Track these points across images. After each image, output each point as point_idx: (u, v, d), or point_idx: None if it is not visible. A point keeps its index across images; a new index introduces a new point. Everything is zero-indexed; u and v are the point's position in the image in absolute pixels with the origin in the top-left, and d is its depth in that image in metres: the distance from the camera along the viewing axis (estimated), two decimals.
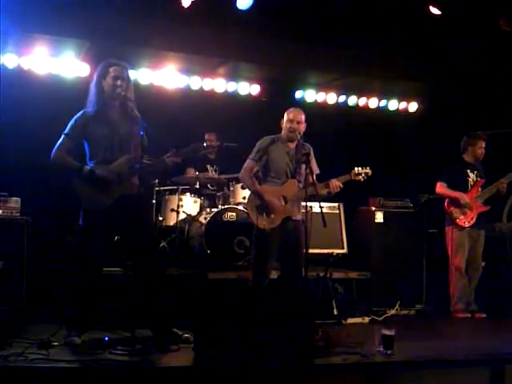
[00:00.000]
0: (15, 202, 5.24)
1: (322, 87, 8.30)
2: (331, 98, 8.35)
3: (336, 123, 8.12)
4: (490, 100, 7.57)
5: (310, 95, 8.28)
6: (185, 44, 6.83)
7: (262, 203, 5.11)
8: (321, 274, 6.08)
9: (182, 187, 6.82)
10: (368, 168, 5.38)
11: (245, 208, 6.12)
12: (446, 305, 6.57)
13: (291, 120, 5.21)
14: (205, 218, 6.50)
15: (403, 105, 8.72)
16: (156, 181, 6.73)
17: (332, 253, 6.47)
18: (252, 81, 8.00)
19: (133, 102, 4.57)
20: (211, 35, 6.57)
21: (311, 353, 4.21)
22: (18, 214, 5.22)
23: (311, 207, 5.26)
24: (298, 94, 8.26)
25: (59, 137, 4.56)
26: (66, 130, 4.56)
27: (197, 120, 7.37)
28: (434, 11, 6.33)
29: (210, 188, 7.23)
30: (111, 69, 4.58)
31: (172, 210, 6.72)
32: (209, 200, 7.03)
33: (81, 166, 4.50)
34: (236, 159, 6.18)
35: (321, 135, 6.29)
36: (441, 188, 6.60)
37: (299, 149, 5.19)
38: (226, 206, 6.57)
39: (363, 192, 6.23)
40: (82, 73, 7.00)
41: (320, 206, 4.94)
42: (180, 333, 4.66)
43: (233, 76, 7.90)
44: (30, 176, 6.27)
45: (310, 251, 4.90)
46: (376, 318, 6.14)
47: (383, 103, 8.61)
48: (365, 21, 6.54)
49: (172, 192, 6.90)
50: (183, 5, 5.96)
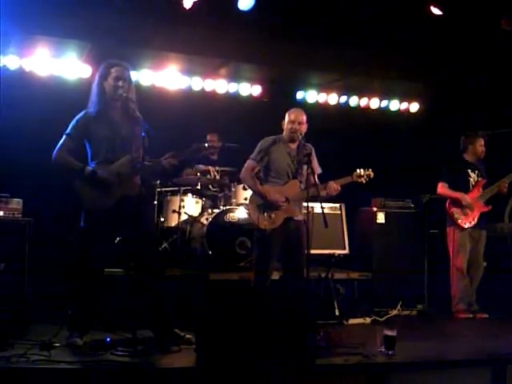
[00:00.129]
0: (17, 203, 5.24)
1: (324, 88, 8.31)
2: (332, 99, 8.36)
3: (337, 124, 8.11)
4: (492, 100, 7.56)
5: (312, 96, 8.29)
6: (186, 45, 6.83)
7: (264, 202, 5.11)
8: (322, 275, 6.09)
9: (184, 188, 6.82)
10: (370, 170, 5.36)
11: (246, 209, 6.11)
12: (448, 305, 6.56)
13: (293, 121, 5.20)
14: (206, 219, 6.50)
15: (404, 105, 8.73)
16: (158, 182, 6.74)
17: (333, 253, 6.47)
18: (253, 81, 8.01)
19: (134, 103, 4.56)
20: (213, 36, 6.57)
21: (313, 353, 4.21)
22: (20, 216, 5.22)
23: (313, 208, 5.26)
24: (300, 95, 8.27)
25: (61, 138, 4.56)
26: (68, 130, 4.56)
27: (198, 121, 7.37)
28: (435, 11, 6.33)
29: (212, 189, 7.22)
30: (113, 69, 4.58)
31: (173, 211, 6.71)
32: (210, 201, 7.03)
33: (82, 167, 4.50)
34: (238, 160, 6.18)
35: (322, 136, 6.28)
36: (442, 188, 6.59)
37: (301, 149, 5.18)
38: (228, 207, 6.58)
39: (365, 192, 6.22)
40: (84, 74, 7.02)
41: (321, 207, 4.95)
42: (181, 334, 4.65)
43: (234, 77, 7.91)
44: (32, 177, 6.27)
45: (312, 252, 4.90)
46: (378, 319, 6.13)
47: (384, 104, 8.62)
48: (366, 21, 6.54)
49: (174, 193, 6.90)
50: (184, 6, 5.97)
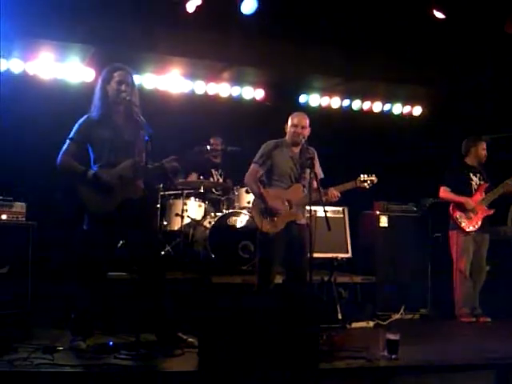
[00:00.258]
0: (20, 207, 5.24)
1: (326, 91, 8.31)
2: (335, 103, 8.36)
3: (340, 127, 8.12)
4: (495, 104, 7.56)
5: (314, 99, 8.29)
6: (189, 49, 6.85)
7: (267, 207, 5.12)
8: (325, 279, 6.08)
9: (187, 191, 6.83)
10: (373, 176, 5.34)
11: (249, 212, 6.11)
12: (451, 309, 6.54)
13: (295, 124, 5.20)
14: (209, 223, 6.50)
15: (407, 109, 8.72)
16: (160, 185, 6.74)
17: (336, 257, 6.46)
18: (256, 85, 8.01)
19: (138, 107, 4.56)
20: (215, 40, 6.60)
21: (316, 357, 4.20)
22: (23, 219, 5.22)
23: (315, 211, 5.25)
24: (302, 99, 8.27)
25: (64, 142, 4.56)
26: (71, 135, 4.56)
27: (201, 124, 7.37)
28: (438, 15, 6.34)
29: (215, 192, 7.23)
30: (115, 73, 4.58)
31: (176, 215, 6.72)
32: (213, 204, 7.04)
33: (85, 170, 4.49)
34: (240, 163, 6.19)
35: (325, 139, 6.29)
36: (444, 193, 6.58)
37: (303, 153, 5.18)
38: (231, 211, 6.58)
39: (367, 196, 6.22)
40: (87, 78, 7.03)
41: (324, 210, 4.94)
42: (184, 337, 4.65)
43: (237, 80, 7.91)
44: (36, 181, 6.29)
45: (315, 255, 4.91)
46: (380, 323, 6.12)
47: (387, 107, 8.61)
48: (369, 25, 6.55)
49: (176, 196, 6.90)
50: (187, 10, 5.98)
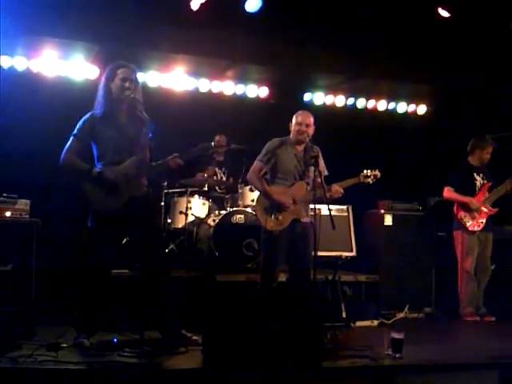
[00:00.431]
0: (25, 204, 5.24)
1: (331, 90, 8.30)
2: (340, 101, 8.35)
3: (344, 126, 8.11)
4: (499, 103, 7.54)
5: (319, 98, 8.28)
6: (193, 46, 6.84)
7: (271, 204, 5.10)
8: (329, 277, 6.08)
9: (191, 189, 6.82)
10: (377, 170, 5.34)
11: (253, 210, 6.10)
12: (455, 308, 6.54)
13: (300, 123, 5.19)
14: (213, 221, 6.49)
15: (412, 107, 8.71)
16: (165, 183, 6.74)
17: (341, 255, 6.46)
18: (260, 83, 8.00)
19: (141, 104, 4.55)
20: (220, 38, 6.58)
21: (320, 356, 4.19)
22: (28, 216, 5.22)
23: (320, 210, 5.24)
24: (307, 97, 8.26)
25: (68, 139, 4.56)
26: (75, 132, 4.56)
27: (205, 122, 7.36)
28: (443, 13, 6.32)
29: (219, 190, 7.22)
30: (119, 71, 4.57)
31: (181, 213, 6.71)
32: (217, 202, 7.03)
33: (89, 168, 4.49)
34: (244, 161, 6.19)
35: (329, 137, 6.27)
36: (448, 192, 6.57)
37: (308, 151, 5.17)
38: (235, 209, 6.57)
39: (372, 195, 6.21)
40: (91, 75, 7.02)
41: (328, 209, 4.93)
42: (188, 335, 4.65)
43: (241, 78, 7.90)
44: (40, 178, 6.29)
45: (319, 254, 4.90)
46: (385, 321, 6.11)
47: (392, 106, 8.60)
48: (374, 23, 6.53)
49: (181, 194, 6.90)
50: (192, 7, 5.97)
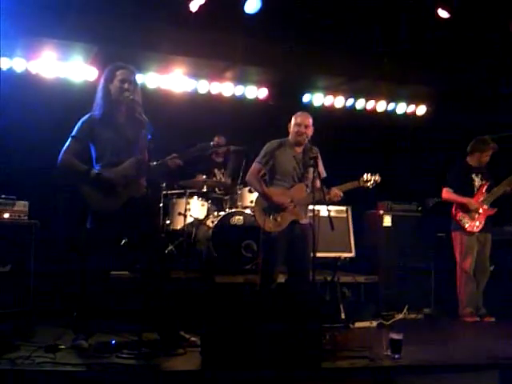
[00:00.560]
0: (23, 206, 5.23)
1: (330, 91, 8.29)
2: (339, 102, 8.34)
3: (344, 127, 8.10)
4: (499, 103, 7.54)
5: (318, 99, 8.27)
6: (192, 48, 6.85)
7: (270, 205, 5.10)
8: (328, 278, 6.07)
9: (190, 191, 6.81)
10: (377, 175, 5.34)
11: (252, 211, 6.10)
12: (455, 309, 6.54)
13: (299, 124, 5.19)
14: (212, 222, 6.49)
15: (411, 108, 8.70)
16: (163, 184, 6.74)
17: (340, 256, 6.46)
18: (259, 84, 8.00)
19: (140, 106, 4.55)
20: (219, 39, 6.59)
21: (319, 357, 4.19)
22: (26, 218, 5.21)
23: (319, 211, 5.24)
24: (306, 98, 8.25)
25: (67, 140, 4.56)
26: (73, 133, 4.55)
27: (204, 124, 7.35)
28: (443, 14, 6.32)
29: (218, 192, 7.22)
30: (118, 72, 4.57)
31: (179, 214, 6.71)
32: (216, 204, 7.03)
33: (88, 169, 4.48)
34: (243, 162, 6.19)
35: (328, 139, 6.27)
36: (447, 194, 6.57)
37: (307, 152, 5.17)
38: (234, 210, 6.56)
39: (371, 195, 6.20)
40: (90, 77, 7.02)
41: (328, 210, 4.93)
42: (187, 336, 4.65)
43: (240, 80, 7.90)
44: (38, 179, 6.28)
45: (318, 255, 4.88)
46: (384, 322, 6.10)
47: (391, 107, 8.59)
48: (372, 24, 6.54)
49: (179, 196, 6.89)
50: (191, 9, 5.98)
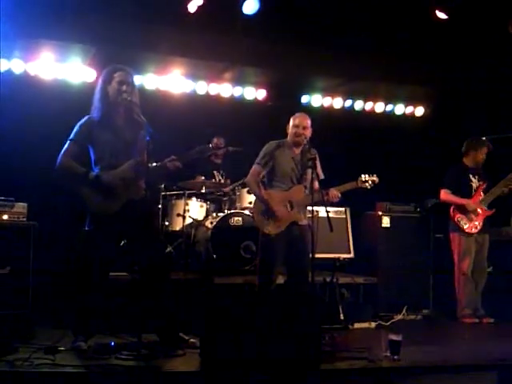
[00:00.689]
0: (22, 208, 5.22)
1: (329, 92, 8.29)
2: (337, 103, 8.34)
3: (342, 128, 8.11)
4: (497, 104, 7.54)
5: (317, 100, 8.26)
6: (191, 49, 6.84)
7: (268, 209, 5.11)
8: (327, 279, 6.06)
9: (189, 192, 6.81)
10: (375, 176, 5.34)
11: (251, 212, 6.10)
12: (453, 310, 6.54)
13: (297, 125, 5.20)
14: (211, 223, 6.48)
15: (410, 109, 8.70)
16: (162, 186, 6.73)
17: (338, 257, 6.46)
18: (258, 85, 7.99)
19: (138, 107, 4.54)
20: (217, 40, 6.59)
21: (318, 358, 4.19)
22: (25, 219, 5.21)
23: (317, 212, 5.24)
24: (305, 99, 8.24)
25: (65, 142, 4.56)
26: (71, 136, 4.55)
27: (203, 125, 7.35)
28: (441, 15, 6.33)
29: (217, 193, 7.22)
30: (116, 74, 4.57)
31: (178, 215, 6.69)
32: (215, 205, 7.02)
33: (86, 172, 4.48)
34: (242, 164, 6.18)
35: (327, 140, 6.27)
36: (445, 195, 6.57)
37: (305, 154, 5.17)
38: (233, 211, 6.56)
39: (370, 197, 6.21)
40: (88, 78, 7.01)
41: (326, 211, 4.93)
42: (186, 337, 4.65)
43: (239, 81, 7.90)
44: (37, 181, 6.27)
45: (317, 256, 4.87)
46: (383, 323, 6.11)
47: (390, 108, 8.59)
48: (371, 25, 6.54)
49: (178, 197, 6.88)
50: (189, 10, 5.97)
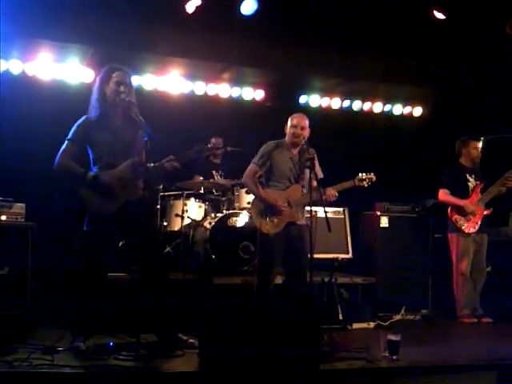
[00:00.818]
0: (20, 208, 5.23)
1: (327, 92, 8.30)
2: (336, 103, 8.36)
3: (340, 128, 8.11)
4: (495, 105, 7.55)
5: (315, 100, 8.28)
6: (189, 49, 6.85)
7: (266, 207, 5.10)
8: (326, 279, 6.06)
9: (187, 192, 6.80)
10: (372, 174, 5.33)
11: (249, 212, 6.10)
12: (452, 310, 6.53)
13: (295, 125, 5.19)
14: (209, 223, 6.48)
15: (408, 109, 8.72)
16: (161, 186, 6.73)
17: (337, 258, 6.46)
18: (256, 86, 8.00)
19: (136, 107, 4.53)
20: (215, 40, 6.59)
21: (316, 358, 4.18)
22: (23, 220, 5.22)
23: (316, 212, 5.24)
24: (303, 99, 8.26)
25: (63, 143, 4.55)
26: (69, 136, 4.54)
27: (201, 125, 7.36)
28: (439, 16, 6.33)
29: (215, 193, 7.22)
30: (114, 74, 4.55)
31: (177, 215, 6.69)
32: (213, 205, 7.02)
33: (84, 172, 4.47)
34: (240, 164, 6.17)
35: (325, 140, 6.27)
36: (444, 195, 6.57)
37: (303, 154, 5.17)
38: (231, 211, 6.56)
39: (368, 197, 6.21)
40: (87, 78, 7.02)
41: (325, 211, 4.93)
42: (185, 338, 4.64)
43: (237, 81, 7.91)
44: (35, 182, 6.27)
45: (315, 256, 4.88)
46: (381, 323, 6.11)
47: (388, 108, 8.61)
48: (369, 26, 6.54)
49: (177, 197, 6.88)
50: (187, 10, 5.97)
